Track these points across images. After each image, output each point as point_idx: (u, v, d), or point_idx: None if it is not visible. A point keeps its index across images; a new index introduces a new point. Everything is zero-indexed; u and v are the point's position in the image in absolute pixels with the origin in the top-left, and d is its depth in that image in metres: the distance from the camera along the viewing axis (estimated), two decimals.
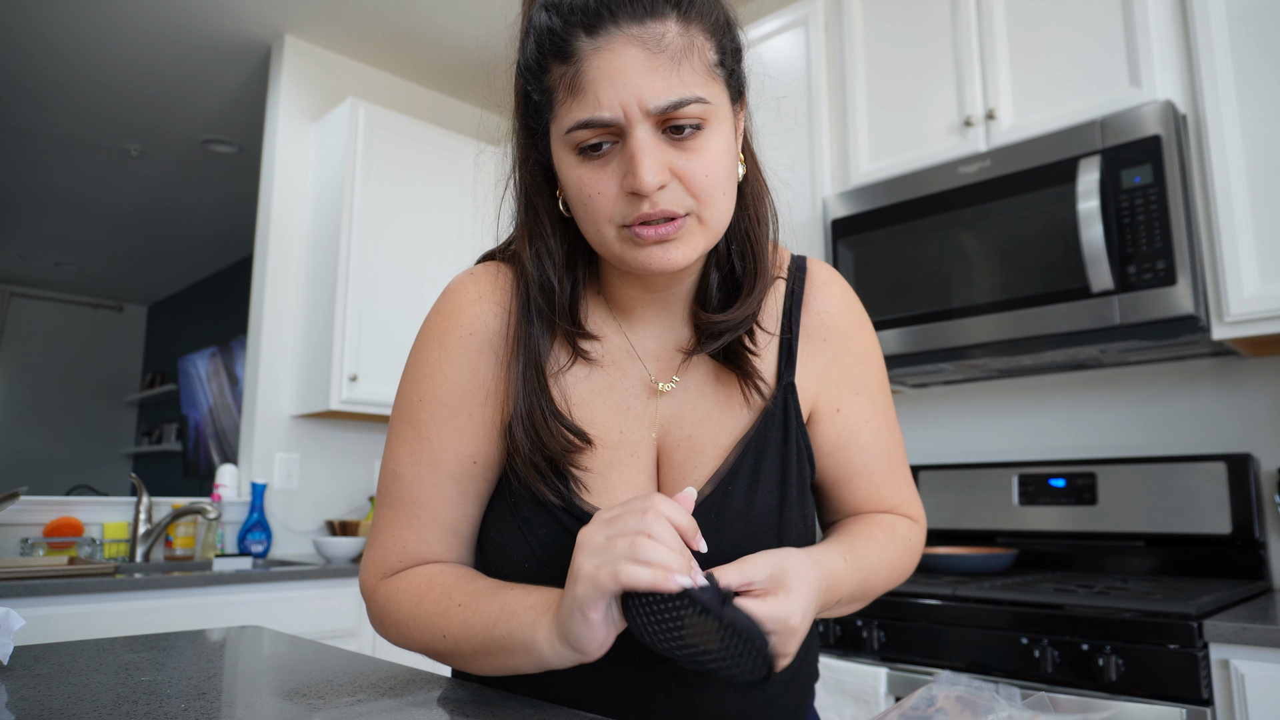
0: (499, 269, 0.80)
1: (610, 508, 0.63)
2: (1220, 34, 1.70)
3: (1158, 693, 1.37)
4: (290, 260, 3.11)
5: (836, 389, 0.81)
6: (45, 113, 3.75)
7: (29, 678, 0.74)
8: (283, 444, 3.00)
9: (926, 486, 2.29)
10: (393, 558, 0.77)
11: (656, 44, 0.64)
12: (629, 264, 0.69)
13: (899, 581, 0.83)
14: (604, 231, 0.68)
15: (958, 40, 2.08)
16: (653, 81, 0.64)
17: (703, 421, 0.77)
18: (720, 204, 0.69)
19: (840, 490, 0.84)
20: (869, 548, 0.78)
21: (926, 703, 0.71)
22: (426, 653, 0.74)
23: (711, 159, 0.67)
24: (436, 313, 0.79)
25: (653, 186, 0.64)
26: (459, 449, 0.76)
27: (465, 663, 0.71)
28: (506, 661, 0.67)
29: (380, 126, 3.00)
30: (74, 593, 1.88)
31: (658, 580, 0.57)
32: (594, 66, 0.64)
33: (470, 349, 0.76)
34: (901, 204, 2.05)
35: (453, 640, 0.70)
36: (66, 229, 5.38)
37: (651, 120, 0.65)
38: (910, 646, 1.66)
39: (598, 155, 0.66)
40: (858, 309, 0.84)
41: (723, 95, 0.69)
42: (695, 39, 0.67)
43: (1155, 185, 1.68)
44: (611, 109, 0.64)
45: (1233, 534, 1.79)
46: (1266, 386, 1.89)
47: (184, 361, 5.96)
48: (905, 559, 0.83)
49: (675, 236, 0.67)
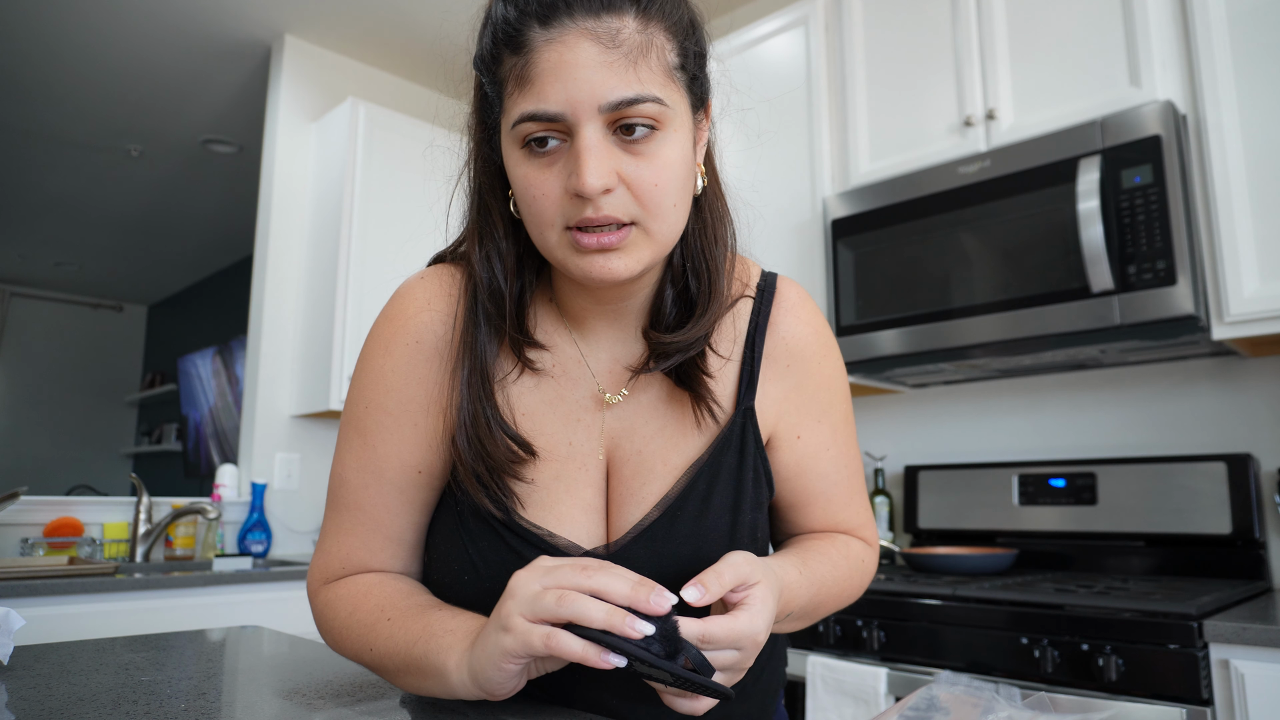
0: (450, 272, 0.77)
1: (553, 560, 0.60)
2: (1220, 34, 1.70)
3: (1158, 693, 1.37)
4: (290, 260, 3.11)
5: (798, 415, 0.79)
6: (45, 113, 3.75)
7: (29, 678, 0.74)
8: (283, 444, 3.00)
9: (926, 486, 2.29)
10: (336, 564, 0.77)
11: (611, 39, 0.62)
12: (571, 271, 0.66)
13: (849, 601, 0.82)
14: (547, 235, 0.66)
15: (958, 40, 2.08)
16: (605, 78, 0.61)
17: (654, 437, 0.75)
18: (669, 216, 0.66)
19: (795, 513, 0.83)
20: (822, 563, 0.77)
21: (926, 703, 0.71)
22: (358, 662, 0.73)
23: (663, 167, 0.64)
24: (384, 319, 0.77)
25: (596, 189, 0.61)
26: (403, 458, 0.74)
27: (391, 678, 0.70)
28: (422, 683, 0.66)
29: (380, 126, 3.00)
30: (74, 593, 1.88)
31: (588, 655, 0.55)
32: (544, 58, 0.62)
33: (417, 357, 0.74)
34: (901, 204, 2.05)
35: (378, 655, 0.69)
36: (66, 229, 5.38)
37: (601, 119, 0.62)
38: (910, 646, 1.66)
39: (544, 153, 0.64)
40: (825, 334, 0.82)
41: (682, 101, 0.67)
42: (654, 38, 0.64)
43: (1155, 185, 1.68)
44: (558, 103, 0.61)
45: (1233, 534, 1.79)
46: (1266, 386, 1.89)
47: (184, 361, 5.96)
48: (856, 580, 0.81)
49: (618, 246, 0.64)
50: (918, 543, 2.28)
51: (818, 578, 0.75)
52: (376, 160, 2.98)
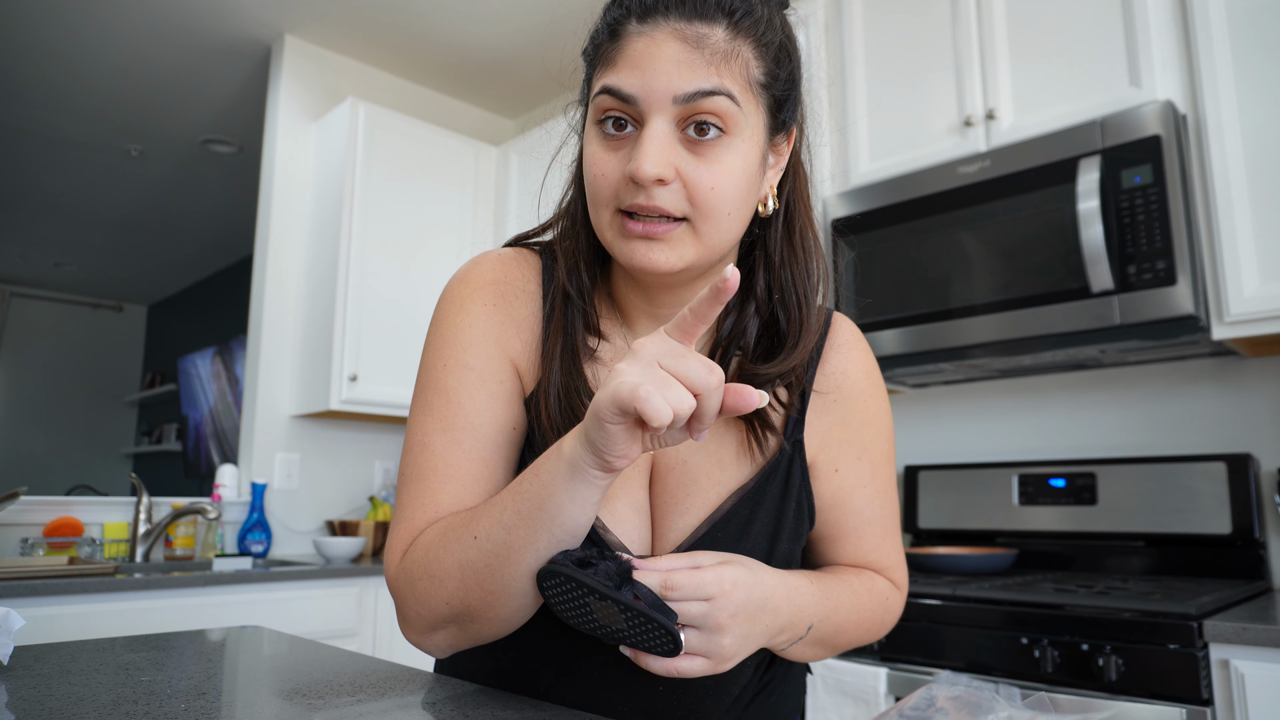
0: (523, 255, 0.80)
1: (682, 348, 0.57)
2: (1220, 34, 1.70)
3: (1158, 693, 1.37)
4: (290, 260, 3.11)
5: (838, 449, 0.79)
6: (45, 113, 3.75)
7: (29, 678, 0.74)
8: (283, 444, 3.00)
9: (926, 486, 2.29)
10: (422, 522, 0.71)
11: (697, 42, 0.65)
12: (617, 254, 0.69)
13: (870, 637, 0.80)
14: (601, 214, 0.68)
15: (958, 40, 2.08)
16: (684, 73, 0.64)
17: (699, 449, 0.75)
18: (721, 221, 0.67)
19: (825, 545, 0.83)
20: (840, 586, 0.76)
21: (926, 703, 0.72)
22: (459, 590, 0.66)
23: (724, 172, 0.66)
24: (458, 281, 0.78)
25: (650, 176, 0.63)
26: (495, 414, 0.73)
27: (500, 564, 0.64)
28: (539, 519, 0.62)
29: (380, 126, 3.00)
30: (74, 593, 1.88)
31: (661, 417, 0.53)
32: (633, 46, 0.66)
33: (495, 318, 0.75)
34: (901, 204, 2.05)
35: (484, 534, 0.64)
36: (66, 229, 5.38)
37: (672, 113, 0.65)
38: (910, 646, 1.66)
39: (616, 136, 0.67)
40: (875, 375, 0.83)
41: (757, 115, 0.68)
42: (741, 50, 0.67)
43: (1155, 185, 1.68)
44: (634, 87, 0.65)
45: (1233, 534, 1.79)
46: (1266, 386, 1.89)
47: (184, 361, 5.96)
48: (878, 615, 0.80)
49: (662, 238, 0.66)
50: (918, 543, 2.28)
51: (834, 596, 0.74)
52: (376, 160, 2.98)
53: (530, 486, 0.63)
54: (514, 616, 0.67)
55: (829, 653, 0.78)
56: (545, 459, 0.63)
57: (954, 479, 2.24)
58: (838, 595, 0.75)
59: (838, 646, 0.78)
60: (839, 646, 0.78)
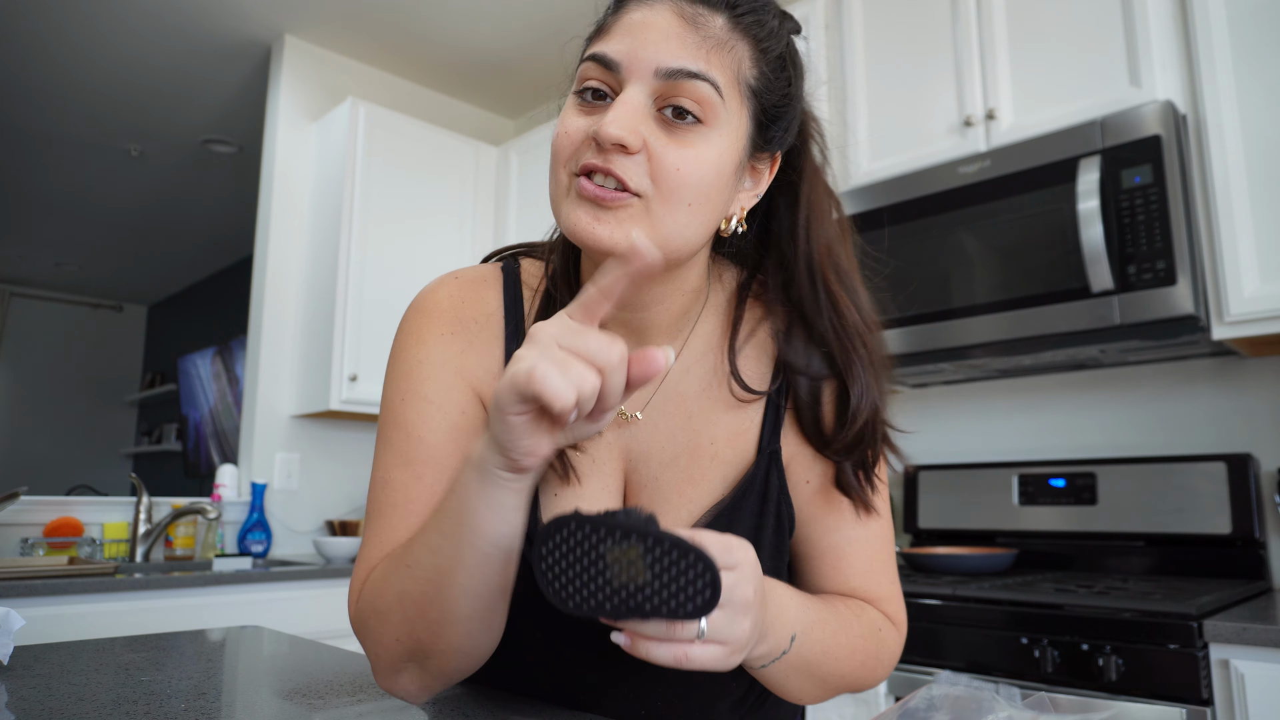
0: (482, 274, 0.77)
1: (580, 326, 0.53)
2: (1220, 34, 1.70)
3: (1158, 693, 1.37)
4: (290, 260, 3.11)
5: (811, 460, 0.74)
6: (45, 113, 3.75)
7: (29, 678, 0.74)
8: (283, 444, 3.00)
9: (926, 486, 2.29)
10: (378, 560, 0.68)
11: (694, 21, 0.63)
12: (562, 221, 0.64)
13: (865, 671, 0.71)
14: (557, 175, 0.65)
15: (958, 40, 2.08)
16: (673, 47, 0.62)
17: (670, 465, 0.72)
18: (679, 211, 0.62)
19: (803, 566, 0.76)
20: (822, 604, 0.69)
21: (926, 703, 0.71)
22: (404, 624, 0.62)
23: (694, 158, 0.62)
24: (414, 311, 0.75)
25: (612, 137, 0.59)
26: (458, 445, 0.70)
27: (435, 590, 0.60)
28: (461, 535, 0.58)
29: (380, 126, 3.00)
30: (74, 593, 1.88)
31: (563, 398, 0.49)
32: (630, 15, 0.65)
33: (454, 348, 0.72)
34: (901, 204, 2.05)
35: (414, 561, 0.61)
36: (66, 229, 5.38)
37: (652, 85, 0.62)
38: (910, 646, 1.66)
39: (592, 103, 0.64)
40: None
41: (740, 117, 0.65)
42: (737, 46, 0.65)
43: (1155, 185, 1.68)
44: (619, 53, 0.63)
45: (1233, 534, 1.79)
46: (1266, 386, 1.89)
47: (184, 361, 5.96)
48: (871, 646, 0.71)
49: (611, 207, 0.61)
50: (918, 543, 2.28)
51: (815, 610, 0.66)
52: (376, 160, 2.98)
53: (450, 502, 0.59)
54: (470, 647, 0.63)
55: (818, 686, 0.68)
56: (461, 470, 0.59)
57: (954, 479, 2.24)
58: (819, 611, 0.67)
59: (828, 679, 0.68)
60: (829, 679, 0.68)
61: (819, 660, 0.66)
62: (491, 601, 0.61)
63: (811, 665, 0.66)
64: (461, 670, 0.65)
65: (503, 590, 0.61)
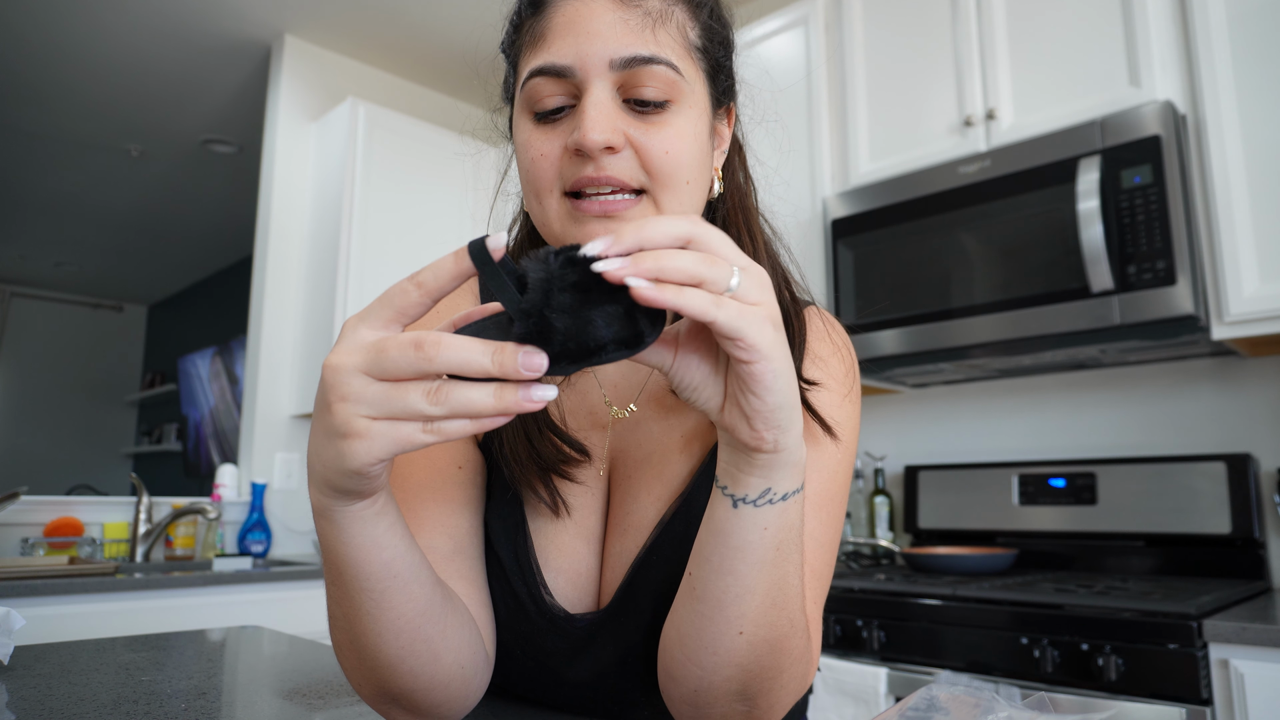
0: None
1: (371, 334, 0.43)
2: (1220, 34, 1.70)
3: (1157, 693, 1.37)
4: (290, 260, 3.11)
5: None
6: (45, 113, 3.75)
7: (29, 678, 0.74)
8: (283, 444, 3.00)
9: (926, 486, 2.29)
10: None
11: (629, 1, 0.60)
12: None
13: (791, 630, 0.56)
14: (546, 202, 0.60)
15: (958, 40, 2.08)
16: (621, 34, 0.58)
17: (644, 463, 0.69)
18: (681, 192, 0.60)
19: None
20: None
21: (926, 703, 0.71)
22: (355, 673, 0.58)
23: (676, 136, 0.60)
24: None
25: (598, 143, 0.56)
26: (431, 456, 0.66)
27: (351, 638, 0.55)
28: (340, 577, 0.52)
29: (380, 126, 3.00)
30: (74, 593, 1.88)
31: (508, 402, 0.41)
32: (559, 14, 0.60)
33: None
34: (901, 204, 2.05)
35: (330, 610, 0.57)
36: (66, 229, 5.38)
37: (612, 78, 0.59)
38: (910, 646, 1.66)
39: (553, 120, 0.60)
40: (845, 380, 0.73)
41: (699, 82, 0.63)
42: (675, 11, 0.62)
43: (1155, 185, 1.68)
44: (567, 56, 0.58)
45: (1232, 534, 1.79)
46: (1266, 386, 1.89)
47: (184, 361, 5.96)
48: (797, 605, 0.56)
49: (623, 215, 0.59)
50: (918, 543, 2.28)
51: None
52: (376, 160, 2.98)
53: (326, 557, 0.52)
54: (425, 684, 0.57)
55: (776, 610, 0.54)
56: (315, 522, 0.51)
57: (954, 479, 2.24)
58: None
59: (787, 601, 0.54)
60: (788, 602, 0.54)
61: (797, 553, 0.54)
62: (419, 634, 0.55)
63: (794, 555, 0.54)
64: (441, 705, 0.59)
65: (423, 616, 0.54)
